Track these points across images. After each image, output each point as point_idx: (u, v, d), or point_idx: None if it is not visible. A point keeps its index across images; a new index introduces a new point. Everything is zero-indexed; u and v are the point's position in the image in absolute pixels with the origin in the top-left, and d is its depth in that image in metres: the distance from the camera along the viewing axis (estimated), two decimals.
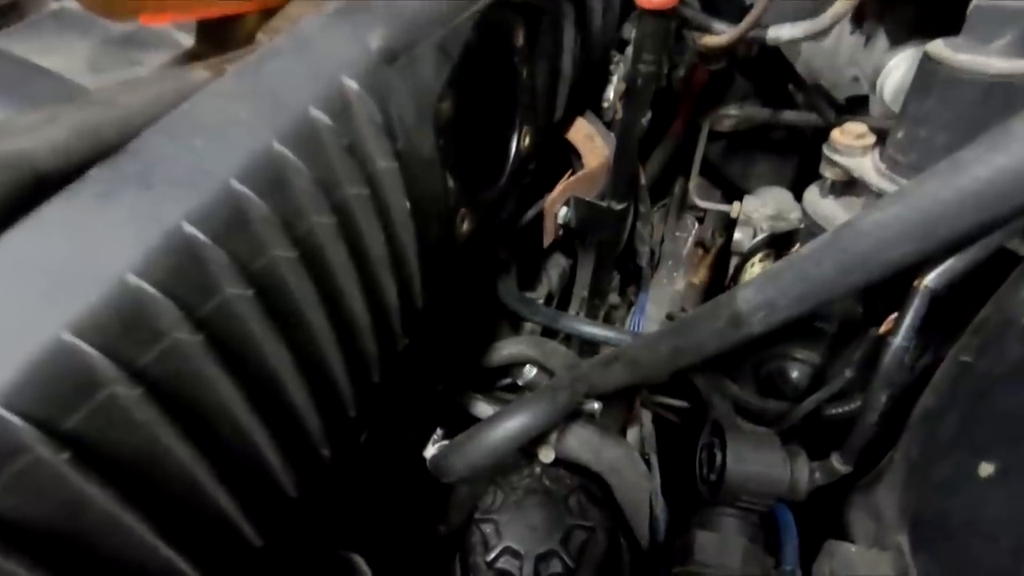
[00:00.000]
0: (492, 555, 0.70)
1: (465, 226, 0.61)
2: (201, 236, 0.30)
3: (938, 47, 0.52)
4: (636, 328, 1.15)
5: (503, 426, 0.66)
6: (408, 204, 0.44)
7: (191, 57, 0.48)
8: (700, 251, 1.26)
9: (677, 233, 1.22)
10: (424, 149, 0.47)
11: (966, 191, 0.42)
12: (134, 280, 0.27)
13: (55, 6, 0.51)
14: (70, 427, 0.25)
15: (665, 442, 0.94)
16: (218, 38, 0.48)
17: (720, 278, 1.16)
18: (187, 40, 0.50)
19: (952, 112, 0.51)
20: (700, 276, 1.25)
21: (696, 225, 1.22)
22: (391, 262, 0.44)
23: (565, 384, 0.72)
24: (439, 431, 0.77)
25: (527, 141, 0.74)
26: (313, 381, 0.38)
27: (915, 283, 0.51)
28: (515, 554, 0.70)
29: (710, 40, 0.69)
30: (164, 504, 0.29)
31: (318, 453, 0.42)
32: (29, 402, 0.24)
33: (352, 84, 0.38)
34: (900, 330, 0.52)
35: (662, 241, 1.27)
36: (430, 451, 0.75)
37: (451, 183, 0.55)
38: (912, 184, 0.48)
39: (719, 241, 1.21)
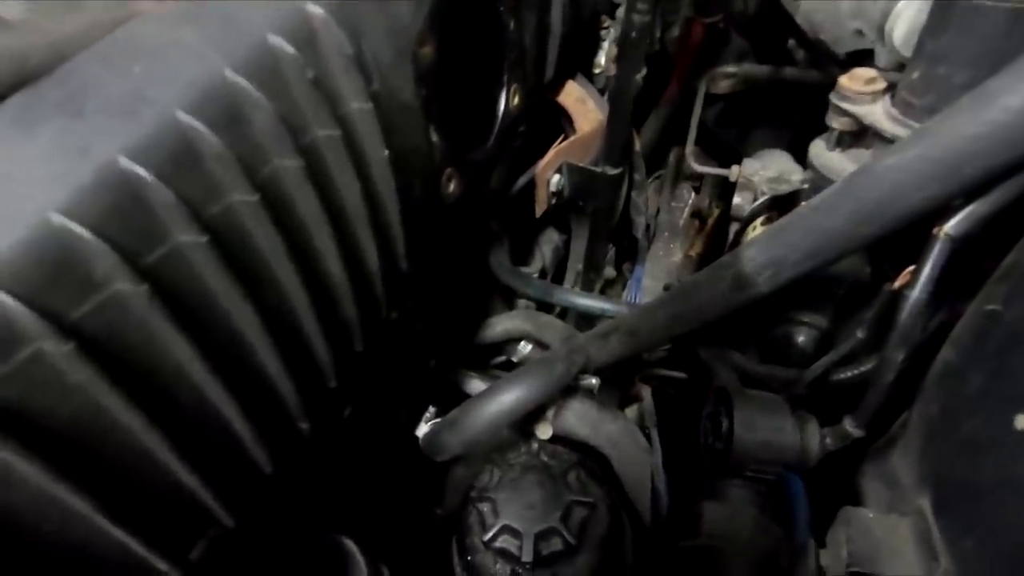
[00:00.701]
0: (490, 534, 0.67)
1: (452, 187, 0.58)
2: (142, 172, 0.26)
3: None
4: (633, 301, 1.12)
5: (498, 400, 0.63)
6: (387, 153, 0.40)
7: None
8: (697, 222, 1.23)
9: (673, 204, 1.19)
10: (404, 95, 0.43)
11: (996, 124, 0.39)
12: (60, 220, 0.23)
13: None
14: None
15: (666, 415, 0.92)
16: None
17: (717, 250, 1.13)
18: None
19: (973, 46, 0.47)
20: (697, 248, 1.22)
21: (692, 195, 1.18)
22: (370, 217, 0.40)
23: (561, 356, 0.69)
24: (431, 409, 0.74)
25: (516, 100, 0.70)
26: (285, 346, 0.35)
27: (934, 231, 0.48)
28: (514, 533, 0.67)
29: None
30: (110, 479, 0.26)
31: (295, 426, 0.38)
32: None
33: (317, 10, 0.33)
34: (918, 282, 0.49)
35: (657, 212, 1.23)
36: (422, 429, 0.72)
37: (435, 138, 0.51)
38: (933, 122, 0.44)
39: (716, 211, 1.18)
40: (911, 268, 0.50)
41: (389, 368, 0.67)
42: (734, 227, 0.92)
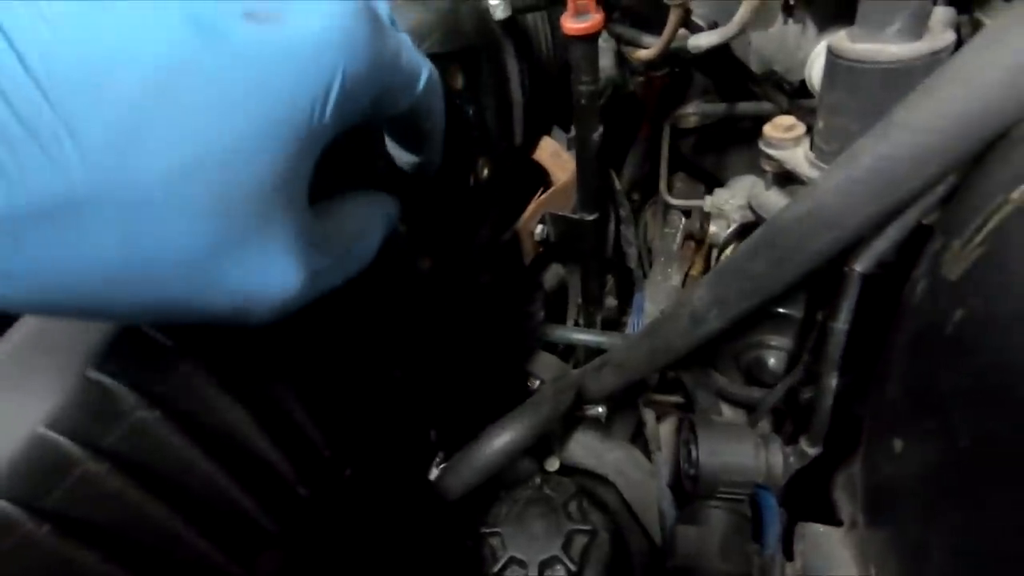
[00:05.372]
0: (499, 566, 0.74)
1: (427, 264, 0.66)
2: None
3: (839, 39, 0.53)
4: (635, 328, 1.17)
5: (490, 444, 0.71)
6: None
7: None
8: (692, 244, 1.27)
9: (665, 230, 1.24)
10: None
11: (859, 181, 0.44)
12: None
13: None
14: None
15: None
16: None
17: None
18: None
19: (858, 101, 0.52)
20: (697, 268, 1.26)
21: (683, 220, 1.23)
22: None
23: (548, 396, 0.76)
24: (440, 455, 0.82)
25: (485, 172, 0.78)
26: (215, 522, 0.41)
27: (846, 268, 0.53)
28: (520, 563, 0.74)
29: (641, 54, 0.72)
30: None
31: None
32: None
33: None
34: (839, 314, 0.54)
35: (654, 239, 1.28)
36: (434, 474, 0.80)
37: (402, 229, 0.60)
38: (820, 177, 0.50)
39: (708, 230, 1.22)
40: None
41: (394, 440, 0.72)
42: (714, 254, 0.97)
